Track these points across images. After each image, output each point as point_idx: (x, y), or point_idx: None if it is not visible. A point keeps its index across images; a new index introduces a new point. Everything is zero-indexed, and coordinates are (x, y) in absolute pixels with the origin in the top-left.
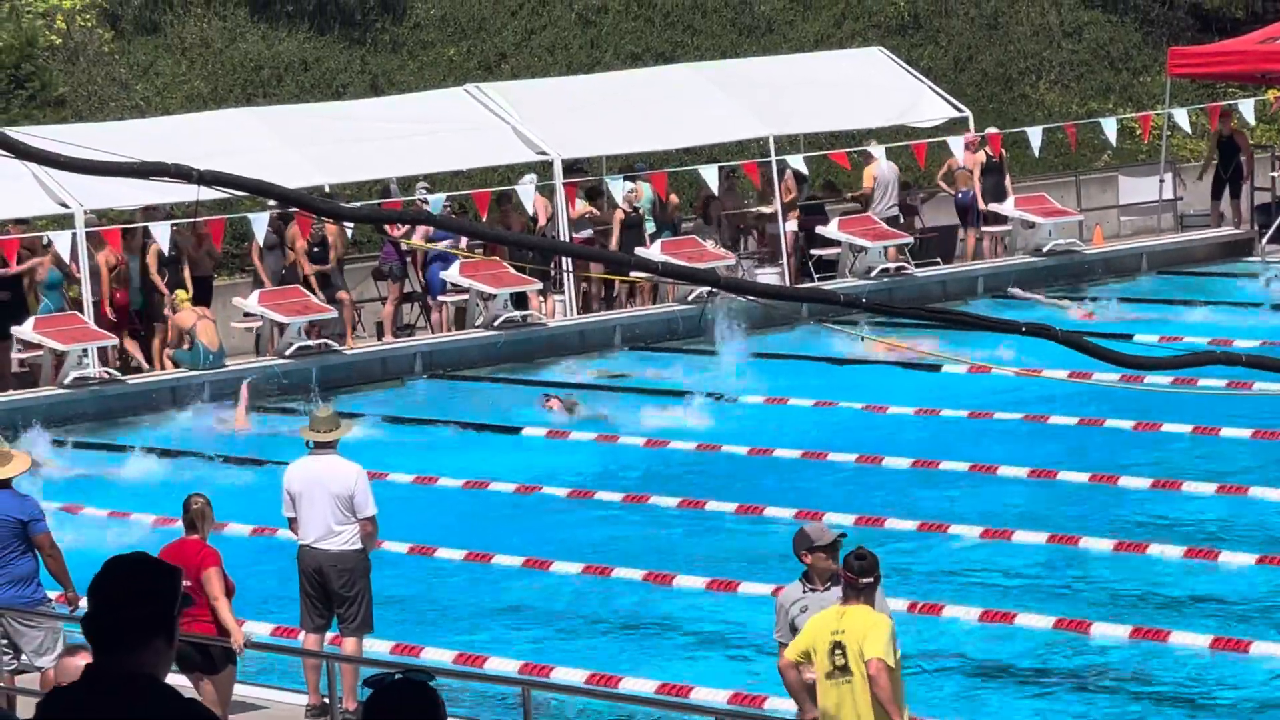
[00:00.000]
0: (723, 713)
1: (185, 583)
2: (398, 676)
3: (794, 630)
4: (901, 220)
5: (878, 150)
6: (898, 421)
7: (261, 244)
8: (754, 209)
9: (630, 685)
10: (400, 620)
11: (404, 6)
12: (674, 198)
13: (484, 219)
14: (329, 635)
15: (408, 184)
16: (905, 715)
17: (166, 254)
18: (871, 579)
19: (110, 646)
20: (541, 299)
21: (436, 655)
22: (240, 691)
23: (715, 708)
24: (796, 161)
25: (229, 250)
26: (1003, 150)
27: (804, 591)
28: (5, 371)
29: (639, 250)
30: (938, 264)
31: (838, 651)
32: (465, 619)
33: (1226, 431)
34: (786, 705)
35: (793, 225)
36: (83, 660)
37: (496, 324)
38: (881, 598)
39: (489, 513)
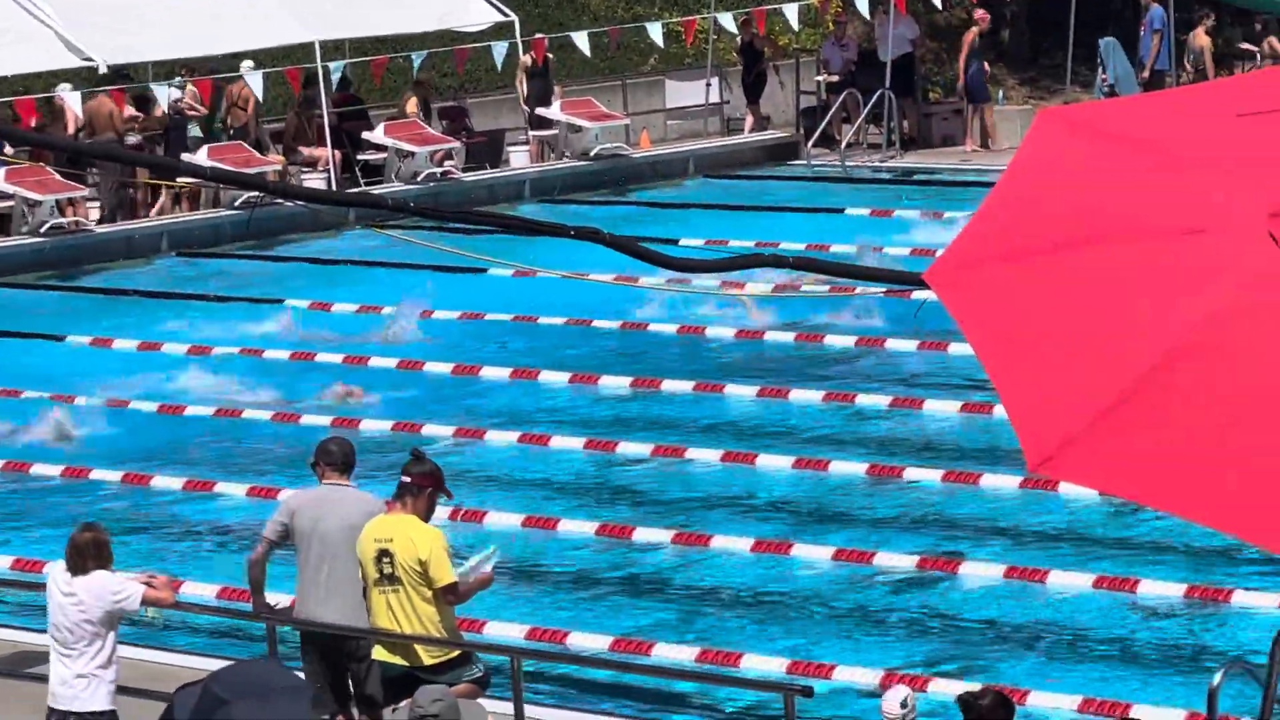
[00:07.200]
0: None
1: None
2: None
3: None
4: (444, 125)
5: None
6: (442, 327)
7: None
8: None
9: None
10: None
11: None
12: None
13: (28, 126)
14: None
15: None
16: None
17: None
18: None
19: None
20: (87, 205)
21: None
22: None
23: None
24: (339, 68)
25: None
26: (549, 55)
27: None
28: None
29: (185, 156)
30: (485, 169)
31: (385, 560)
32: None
33: (770, 335)
34: None
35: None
36: None
37: (43, 230)
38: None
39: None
